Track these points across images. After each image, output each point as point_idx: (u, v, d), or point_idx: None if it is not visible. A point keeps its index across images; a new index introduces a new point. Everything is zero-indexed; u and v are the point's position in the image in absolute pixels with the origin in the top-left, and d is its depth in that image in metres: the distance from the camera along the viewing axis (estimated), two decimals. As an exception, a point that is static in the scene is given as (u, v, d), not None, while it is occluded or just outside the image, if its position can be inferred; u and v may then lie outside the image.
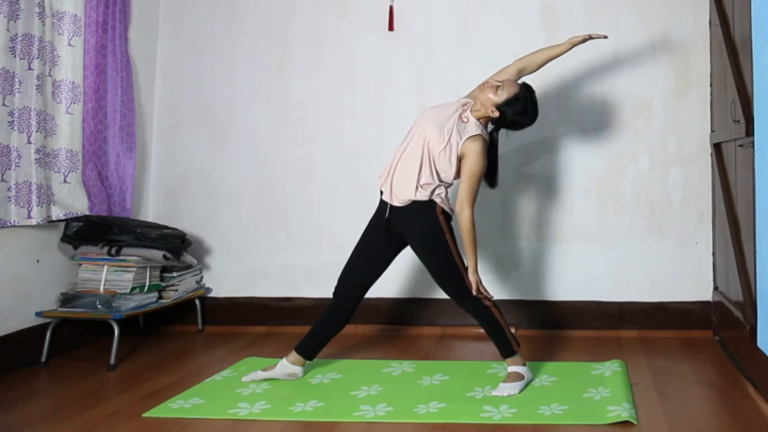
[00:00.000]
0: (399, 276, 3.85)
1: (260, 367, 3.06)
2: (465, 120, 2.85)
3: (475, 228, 2.83)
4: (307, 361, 3.01)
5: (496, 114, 2.83)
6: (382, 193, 2.93)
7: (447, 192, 2.89)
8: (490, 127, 2.93)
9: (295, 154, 3.98)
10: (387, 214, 2.89)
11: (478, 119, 2.86)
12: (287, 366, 2.97)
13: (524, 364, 2.88)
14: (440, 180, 2.84)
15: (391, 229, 2.91)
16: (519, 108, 2.84)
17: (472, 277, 2.83)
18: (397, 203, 2.85)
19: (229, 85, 4.05)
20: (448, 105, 2.94)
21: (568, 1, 3.82)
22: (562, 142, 3.80)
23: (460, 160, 2.83)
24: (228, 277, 4.00)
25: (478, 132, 2.82)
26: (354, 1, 3.97)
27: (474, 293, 2.82)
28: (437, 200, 2.84)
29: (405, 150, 2.87)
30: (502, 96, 2.82)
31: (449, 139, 2.80)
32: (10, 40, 3.12)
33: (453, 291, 2.89)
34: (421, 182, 2.82)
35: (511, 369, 2.85)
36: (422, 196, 2.82)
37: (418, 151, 2.83)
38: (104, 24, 3.64)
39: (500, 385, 2.78)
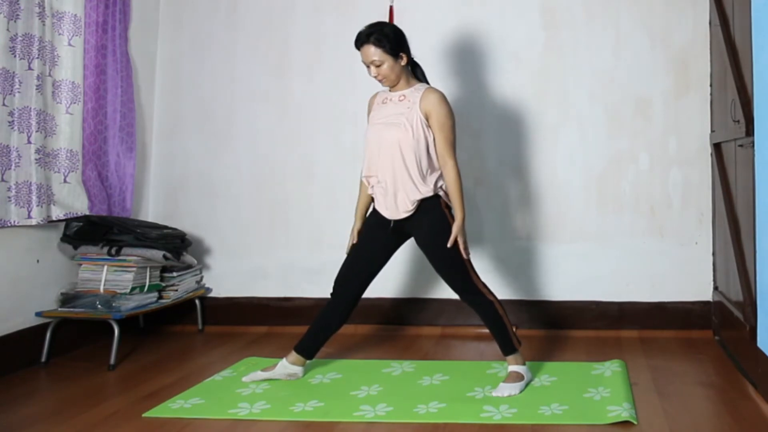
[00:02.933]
0: (399, 276, 3.86)
1: (260, 367, 3.06)
2: (402, 98, 2.87)
3: (461, 178, 2.83)
4: (307, 361, 3.01)
5: (404, 59, 2.85)
6: (376, 210, 2.93)
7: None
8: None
9: (295, 154, 3.98)
10: (392, 225, 2.88)
11: (408, 86, 2.88)
12: (287, 366, 2.97)
13: (524, 364, 2.88)
14: (431, 164, 2.84)
15: (394, 230, 2.90)
16: (399, 36, 2.85)
17: (456, 229, 2.80)
18: (404, 214, 2.84)
19: (229, 85, 4.05)
20: (376, 111, 2.93)
21: (568, 1, 3.82)
22: (562, 142, 3.80)
23: (429, 126, 2.83)
24: (228, 277, 4.00)
25: (424, 87, 2.87)
26: (354, 1, 3.97)
27: (449, 244, 2.79)
28: (441, 193, 2.86)
29: (381, 168, 2.83)
30: (388, 59, 2.81)
31: (405, 121, 2.81)
32: (10, 40, 3.12)
33: (458, 285, 2.88)
34: (418, 179, 2.80)
35: (512, 368, 2.85)
36: (427, 191, 2.82)
37: (397, 157, 2.80)
38: (104, 24, 3.64)
39: (500, 385, 2.78)
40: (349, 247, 2.98)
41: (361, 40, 2.83)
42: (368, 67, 2.84)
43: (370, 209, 2.99)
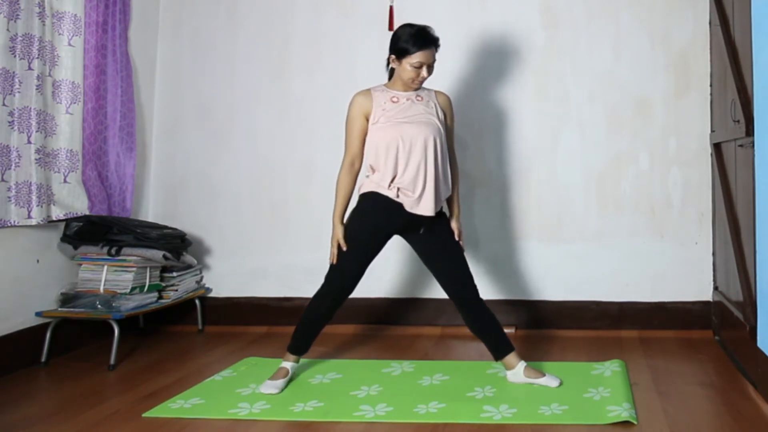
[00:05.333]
0: (399, 276, 3.86)
1: (260, 368, 3.05)
2: (419, 98, 2.91)
3: None
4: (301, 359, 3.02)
5: (395, 65, 2.90)
6: (397, 197, 2.83)
7: None
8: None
9: (295, 154, 3.98)
10: (423, 228, 2.87)
11: (410, 87, 2.91)
12: (294, 366, 2.96)
13: None
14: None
15: (418, 231, 2.89)
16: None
17: (457, 225, 2.97)
18: (438, 207, 2.88)
19: (229, 85, 4.05)
20: (388, 110, 2.86)
21: (568, 1, 3.82)
22: (562, 141, 3.80)
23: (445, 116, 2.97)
24: (228, 277, 4.00)
25: (431, 89, 2.99)
26: (354, 1, 3.97)
27: (458, 237, 2.95)
28: None
29: (414, 166, 2.79)
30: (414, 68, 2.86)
31: (437, 121, 2.87)
32: (10, 40, 3.12)
33: (471, 282, 2.91)
34: (449, 176, 2.92)
35: (524, 363, 2.88)
36: (450, 189, 2.94)
37: (439, 155, 2.83)
38: (104, 24, 3.64)
39: (545, 378, 2.82)
40: (335, 256, 2.87)
41: (430, 42, 2.84)
42: (419, 68, 2.82)
43: (364, 211, 2.90)
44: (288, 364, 2.94)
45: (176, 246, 3.62)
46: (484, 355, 3.34)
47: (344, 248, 2.85)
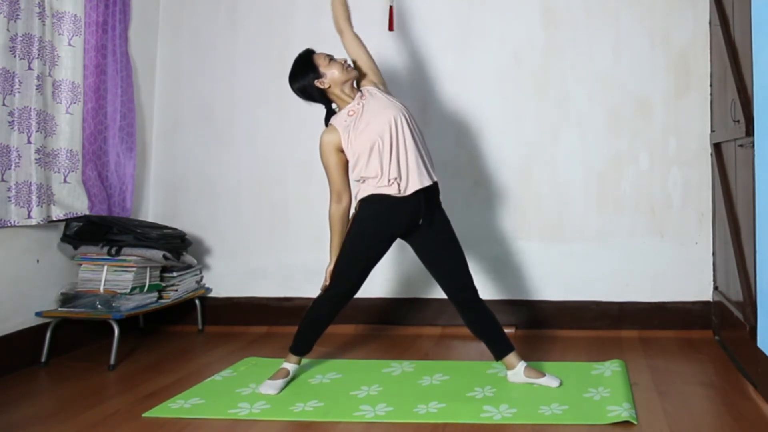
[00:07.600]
0: (399, 276, 3.86)
1: (261, 367, 3.05)
2: (362, 97, 2.95)
3: None
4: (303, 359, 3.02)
5: (326, 84, 2.93)
6: (399, 191, 2.83)
7: None
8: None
9: (295, 154, 3.98)
10: (423, 211, 2.86)
11: (354, 91, 2.96)
12: (295, 366, 2.96)
13: None
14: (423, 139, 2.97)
15: (418, 224, 2.88)
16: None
17: None
18: (432, 175, 2.88)
19: (229, 85, 4.05)
20: (352, 125, 2.89)
21: (568, 1, 3.82)
22: (562, 141, 3.80)
23: (384, 85, 3.06)
24: (228, 277, 4.00)
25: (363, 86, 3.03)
26: (354, 1, 3.94)
27: None
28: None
29: (396, 151, 2.83)
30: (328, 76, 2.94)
31: (388, 101, 2.92)
32: (10, 40, 3.12)
33: (470, 281, 2.92)
34: (425, 147, 2.94)
35: (524, 363, 2.88)
36: (431, 164, 2.94)
37: (406, 131, 2.85)
38: (104, 24, 3.64)
39: (546, 378, 2.82)
40: (324, 287, 2.94)
41: (310, 49, 3.00)
42: (333, 59, 2.94)
43: (366, 217, 2.90)
44: (289, 365, 2.94)
45: (176, 246, 3.62)
46: (484, 355, 3.34)
47: (327, 283, 2.93)
